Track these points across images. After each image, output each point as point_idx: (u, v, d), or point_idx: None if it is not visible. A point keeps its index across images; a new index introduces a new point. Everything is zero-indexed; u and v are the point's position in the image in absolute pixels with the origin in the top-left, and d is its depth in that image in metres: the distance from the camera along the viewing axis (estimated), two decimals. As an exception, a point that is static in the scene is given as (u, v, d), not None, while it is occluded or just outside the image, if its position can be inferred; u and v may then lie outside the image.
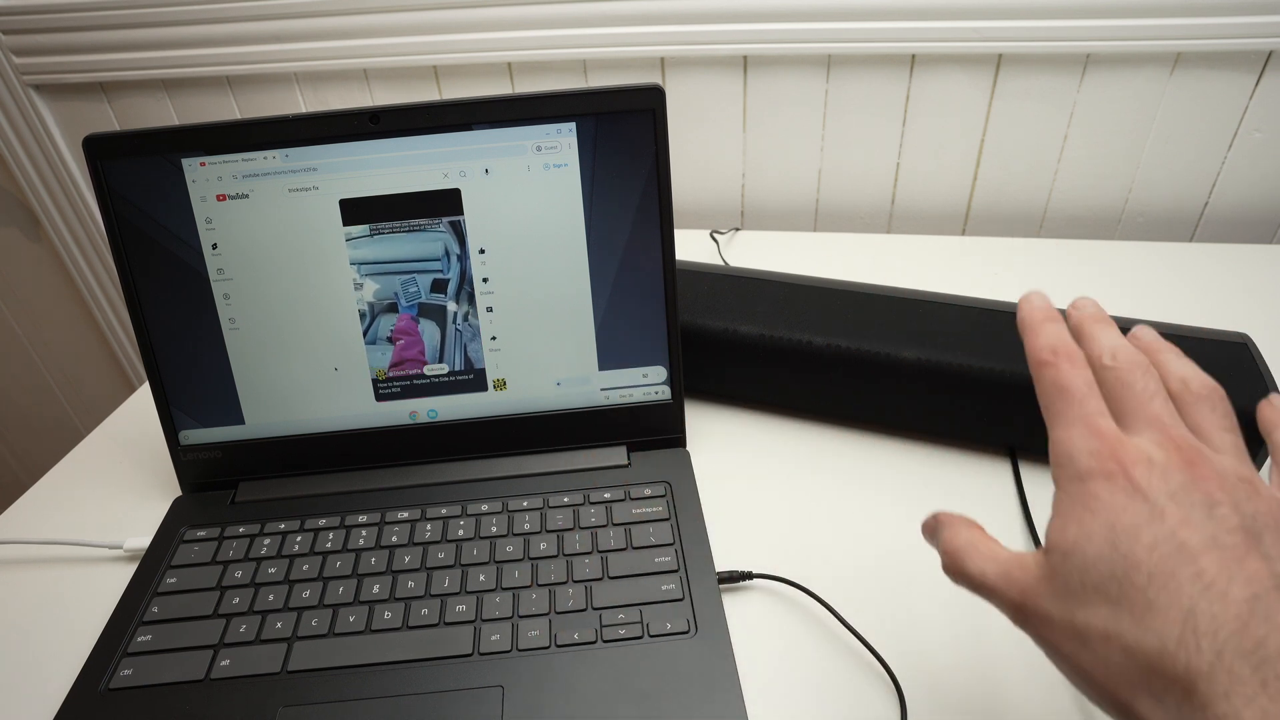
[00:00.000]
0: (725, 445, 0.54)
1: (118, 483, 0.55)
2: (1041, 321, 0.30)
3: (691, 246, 0.78)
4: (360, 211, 0.47)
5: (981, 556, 0.29)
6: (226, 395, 0.50)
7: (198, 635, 0.42)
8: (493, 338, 0.50)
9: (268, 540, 0.47)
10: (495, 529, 0.47)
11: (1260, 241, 0.79)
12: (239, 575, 0.45)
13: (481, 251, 0.48)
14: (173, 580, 0.45)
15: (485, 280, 0.49)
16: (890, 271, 0.71)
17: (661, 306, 0.50)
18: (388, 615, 0.42)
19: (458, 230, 0.48)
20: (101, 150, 0.46)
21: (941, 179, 0.81)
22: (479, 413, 0.51)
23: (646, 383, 0.51)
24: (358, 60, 0.82)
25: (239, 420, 0.51)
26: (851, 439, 0.54)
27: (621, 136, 0.47)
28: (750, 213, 0.86)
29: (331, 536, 0.47)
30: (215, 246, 0.47)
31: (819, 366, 0.52)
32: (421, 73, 0.83)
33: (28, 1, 0.83)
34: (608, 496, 0.48)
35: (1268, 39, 0.67)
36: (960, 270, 0.71)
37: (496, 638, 0.41)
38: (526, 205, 0.48)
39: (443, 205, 0.47)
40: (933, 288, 0.69)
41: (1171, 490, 0.25)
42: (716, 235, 0.79)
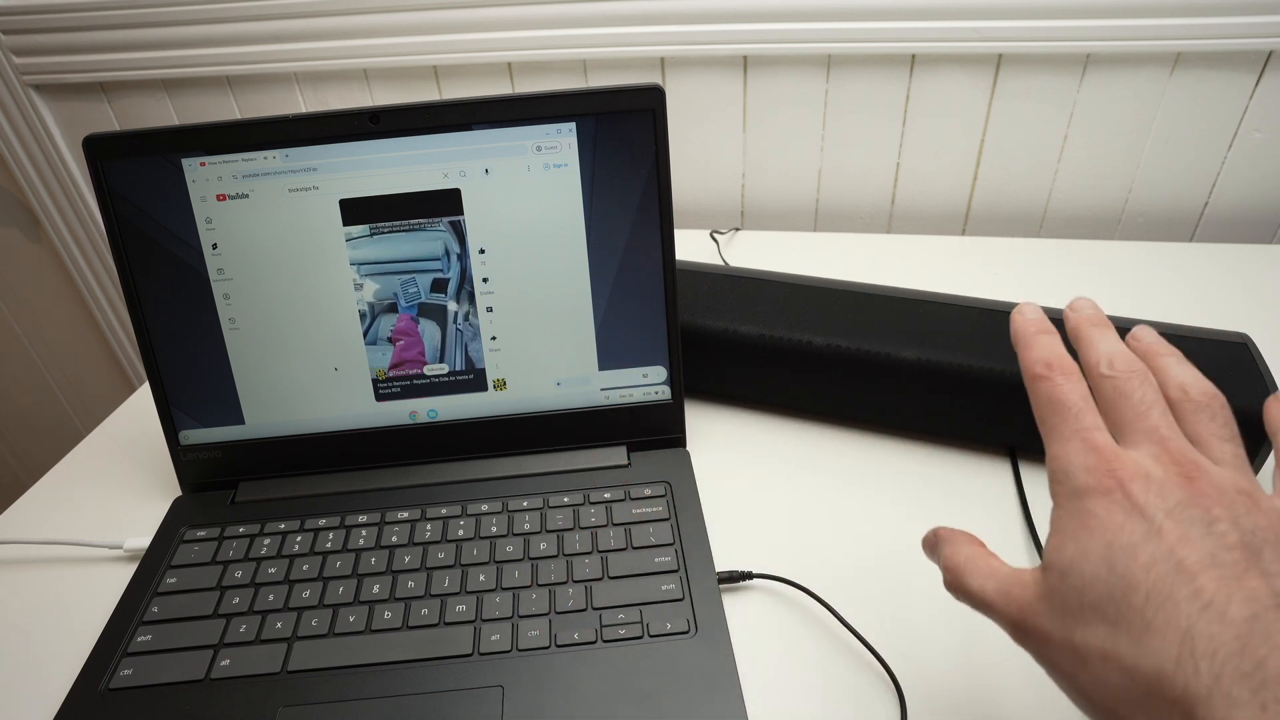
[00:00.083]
0: (725, 445, 0.54)
1: (118, 483, 0.55)
2: (1035, 334, 0.30)
3: (691, 246, 0.78)
4: (360, 211, 0.47)
5: (981, 573, 0.29)
6: (226, 395, 0.50)
7: (198, 635, 0.42)
8: (493, 338, 0.50)
9: (268, 540, 0.47)
10: (495, 529, 0.47)
11: (1260, 241, 0.79)
12: (239, 575, 0.45)
13: (481, 251, 0.48)
14: (173, 580, 0.45)
15: (485, 280, 0.49)
16: (890, 271, 0.71)
17: (661, 306, 0.50)
18: (388, 615, 0.42)
19: (458, 230, 0.48)
20: (101, 150, 0.46)
21: (941, 179, 0.81)
22: (479, 413, 0.51)
23: (646, 383, 0.51)
24: (358, 60, 0.82)
25: (239, 420, 0.51)
26: (851, 439, 0.54)
27: (621, 136, 0.47)
28: (750, 213, 0.86)
29: (331, 536, 0.47)
30: (215, 246, 0.48)
31: (819, 366, 0.52)
32: (421, 73, 0.83)
33: (28, 1, 0.83)
34: (608, 496, 0.48)
35: (1268, 39, 0.67)
36: (960, 270, 0.71)
37: (496, 638, 0.41)
38: (526, 205, 0.48)
39: (443, 205, 0.47)
40: (933, 288, 0.69)
41: (1169, 507, 0.25)
42: (716, 235, 0.79)
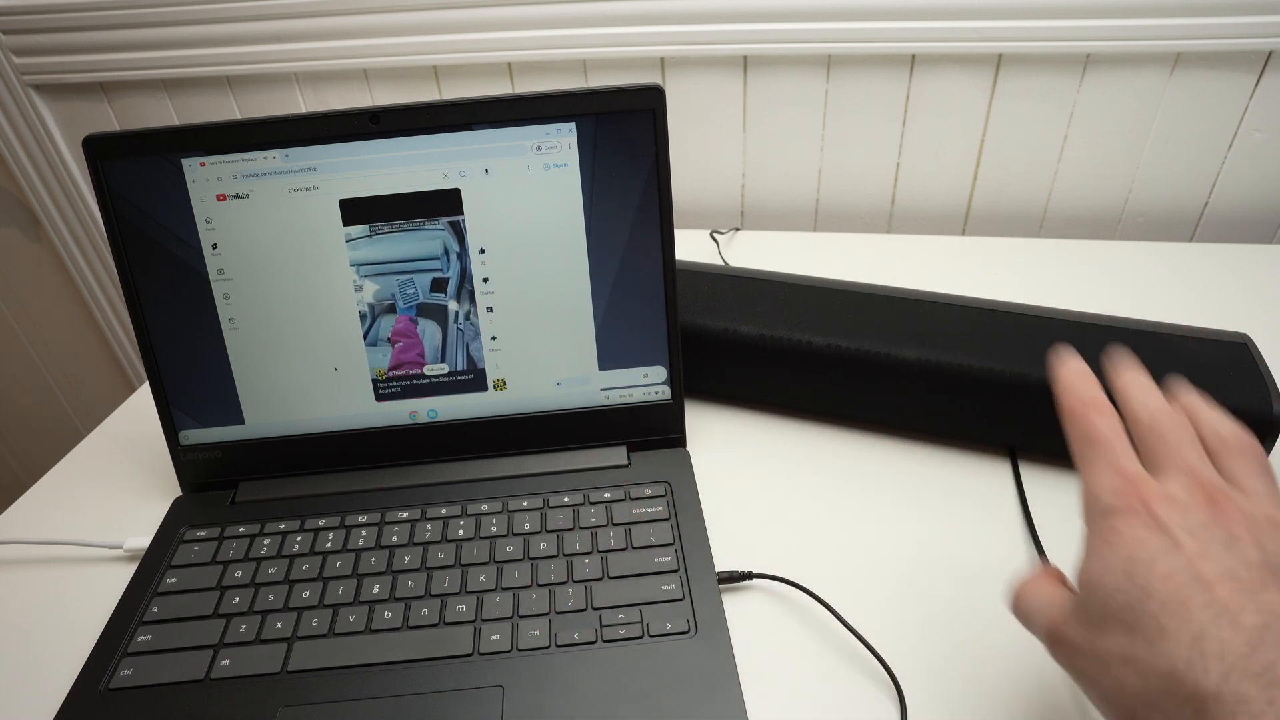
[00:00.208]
0: (725, 445, 0.54)
1: (118, 483, 0.55)
2: (1075, 381, 0.32)
3: (691, 246, 0.78)
4: (360, 211, 0.47)
5: (1030, 594, 0.31)
6: (226, 395, 0.50)
7: (198, 635, 0.42)
8: (493, 338, 0.50)
9: (268, 540, 0.47)
10: (495, 529, 0.47)
11: (1260, 241, 0.79)
12: (239, 575, 0.45)
13: (481, 251, 0.48)
14: (173, 580, 0.45)
15: (485, 280, 0.49)
16: (890, 271, 0.71)
17: (661, 306, 0.50)
18: (388, 615, 0.42)
19: (457, 229, 0.48)
20: (101, 150, 0.46)
21: (941, 179, 0.81)
22: (479, 413, 0.51)
23: (646, 383, 0.51)
24: (358, 60, 0.82)
25: (239, 420, 0.51)
26: (851, 439, 0.54)
27: (621, 136, 0.47)
28: (750, 213, 0.86)
29: (331, 536, 0.47)
30: (215, 246, 0.47)
31: (819, 366, 0.52)
32: (421, 73, 0.83)
33: (28, 1, 0.83)
34: (608, 496, 0.48)
35: (1268, 39, 0.67)
36: (960, 270, 0.71)
37: (496, 638, 0.41)
38: (526, 205, 0.48)
39: (443, 205, 0.47)
40: (933, 288, 0.69)
41: (1191, 525, 0.26)
42: (716, 235, 0.79)
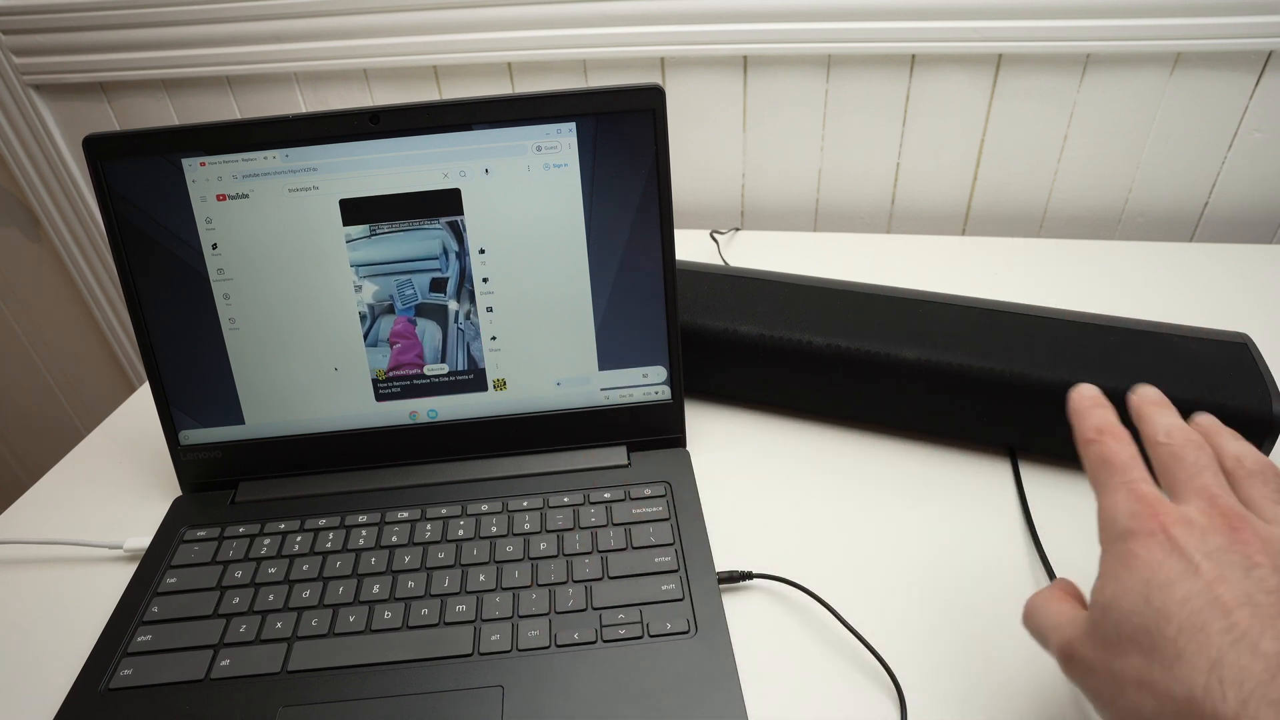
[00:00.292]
0: (725, 445, 0.54)
1: (118, 483, 0.55)
2: (1090, 408, 0.32)
3: (691, 246, 0.78)
4: (360, 211, 0.47)
5: (1044, 611, 0.31)
6: (226, 395, 0.50)
7: (198, 635, 0.42)
8: (493, 338, 0.50)
9: (268, 540, 0.47)
10: (495, 529, 0.47)
11: (1260, 241, 0.79)
12: (239, 575, 0.45)
13: (481, 251, 0.48)
14: (173, 580, 0.45)
15: (485, 280, 0.49)
16: (890, 271, 0.71)
17: (661, 306, 0.50)
18: (388, 615, 0.42)
19: (456, 229, 0.48)
20: (101, 150, 0.46)
21: (941, 179, 0.81)
22: (479, 413, 0.51)
23: (646, 383, 0.51)
24: (358, 60, 0.82)
25: (239, 420, 0.51)
26: (851, 439, 0.54)
27: (621, 136, 0.47)
28: (750, 213, 0.86)
29: (331, 536, 0.47)
30: (215, 246, 0.47)
31: (819, 366, 0.52)
32: (421, 73, 0.83)
33: (28, 1, 0.83)
34: (608, 496, 0.48)
35: (1268, 39, 0.67)
36: (960, 270, 0.71)
37: (496, 638, 0.41)
38: (526, 205, 0.48)
39: (443, 205, 0.47)
40: (933, 288, 0.69)
41: (1209, 550, 0.26)
42: (716, 235, 0.79)
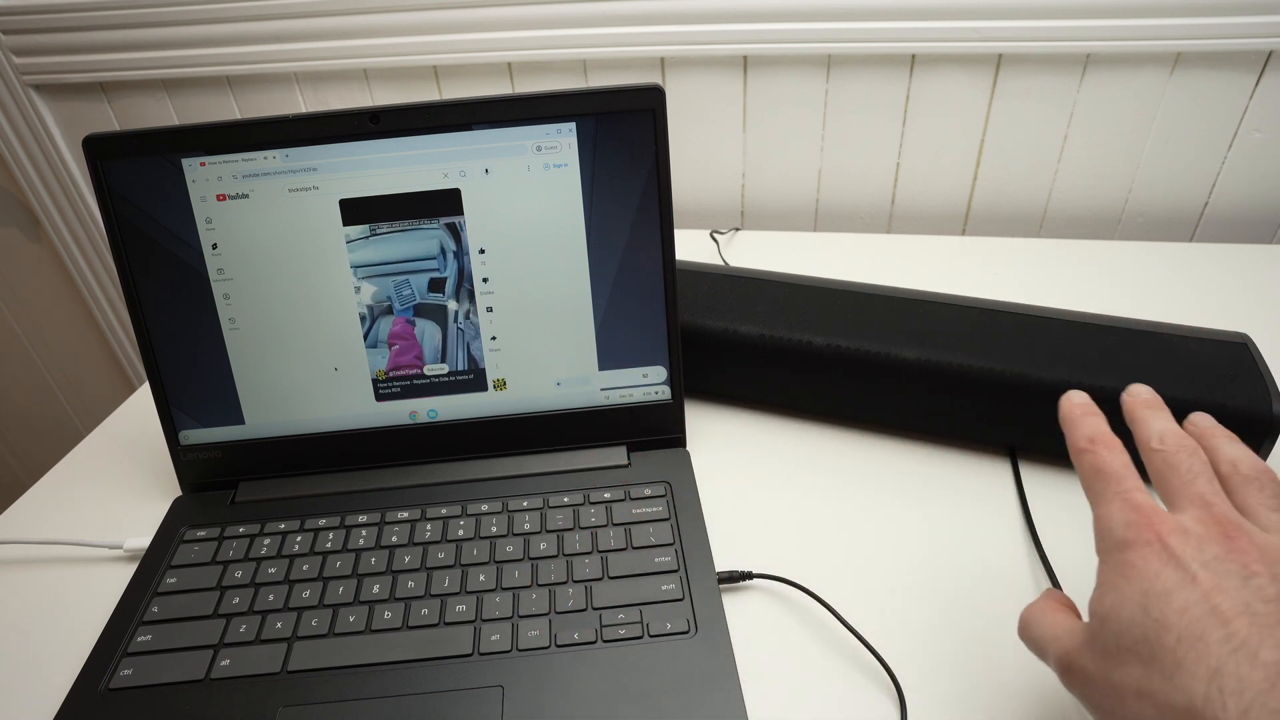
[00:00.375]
0: (725, 445, 0.54)
1: (118, 483, 0.55)
2: (1081, 416, 0.32)
3: (691, 246, 0.78)
4: (360, 211, 0.47)
5: (1041, 622, 0.31)
6: (226, 395, 0.50)
7: (198, 635, 0.42)
8: (493, 338, 0.50)
9: (268, 540, 0.47)
10: (495, 529, 0.47)
11: (1260, 241, 0.79)
12: (239, 575, 0.45)
13: (481, 251, 0.48)
14: (173, 580, 0.45)
15: (485, 280, 0.49)
16: (890, 271, 0.71)
17: (661, 306, 0.50)
18: (388, 615, 0.42)
19: (455, 229, 0.48)
20: (101, 150, 0.46)
21: (941, 179, 0.81)
22: (479, 413, 0.51)
23: (646, 383, 0.51)
24: (358, 60, 0.82)
25: (239, 420, 0.51)
26: (851, 439, 0.54)
27: (621, 136, 0.47)
28: (750, 213, 0.86)
29: (331, 536, 0.47)
30: (215, 246, 0.47)
31: (819, 366, 0.52)
32: (421, 73, 0.83)
33: (28, 1, 0.83)
34: (608, 496, 0.48)
35: (1268, 39, 0.67)
36: (960, 270, 0.71)
37: (496, 638, 0.41)
38: (526, 205, 0.48)
39: (442, 205, 0.47)
40: (933, 288, 0.69)
41: (1205, 559, 0.26)
42: (716, 235, 0.79)
